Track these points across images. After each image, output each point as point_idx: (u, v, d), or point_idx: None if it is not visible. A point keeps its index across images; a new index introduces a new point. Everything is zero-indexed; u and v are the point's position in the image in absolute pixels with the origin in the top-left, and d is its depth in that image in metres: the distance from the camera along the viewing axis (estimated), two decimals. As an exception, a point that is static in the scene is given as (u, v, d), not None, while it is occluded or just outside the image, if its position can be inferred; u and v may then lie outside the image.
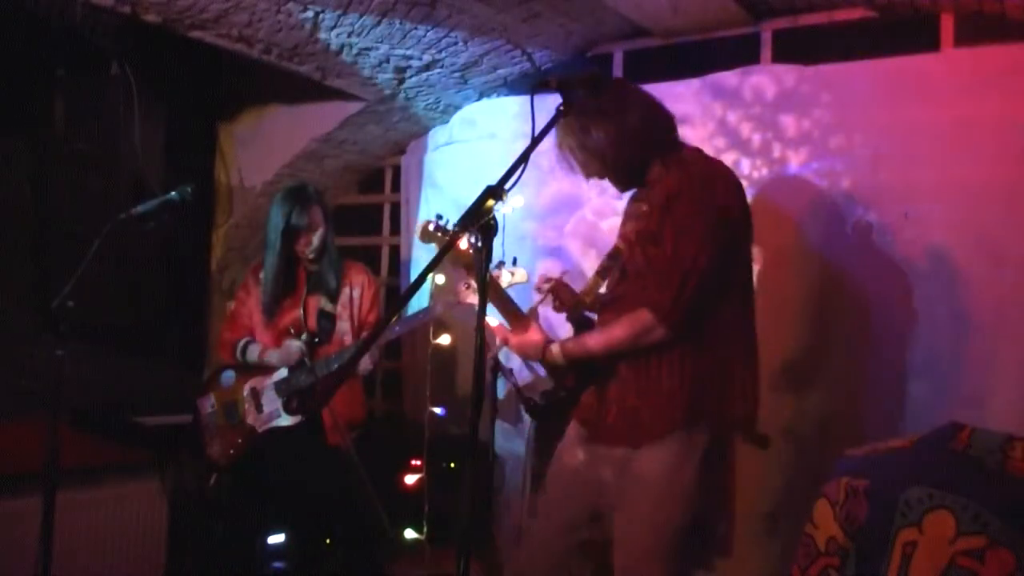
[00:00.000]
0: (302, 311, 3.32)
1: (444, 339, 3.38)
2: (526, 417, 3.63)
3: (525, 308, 2.54)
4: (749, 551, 3.23)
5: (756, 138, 3.38)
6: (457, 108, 4.14)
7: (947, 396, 2.96)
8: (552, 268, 3.68)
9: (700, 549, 3.09)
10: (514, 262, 3.01)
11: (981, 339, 2.93)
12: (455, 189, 4.13)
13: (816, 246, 3.23)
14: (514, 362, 3.64)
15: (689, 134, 3.51)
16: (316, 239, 3.28)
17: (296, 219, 3.22)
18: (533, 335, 2.41)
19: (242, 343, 3.35)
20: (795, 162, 3.30)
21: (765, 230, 3.29)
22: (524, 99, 3.92)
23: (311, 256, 3.31)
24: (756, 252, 3.28)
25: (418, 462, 3.28)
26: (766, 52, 3.45)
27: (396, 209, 4.43)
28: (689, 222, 2.25)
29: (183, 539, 3.86)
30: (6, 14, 3.15)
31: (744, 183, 2.54)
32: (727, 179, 2.36)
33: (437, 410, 3.23)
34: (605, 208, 3.68)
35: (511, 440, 3.82)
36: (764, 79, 3.39)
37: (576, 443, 2.50)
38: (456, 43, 3.52)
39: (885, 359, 3.09)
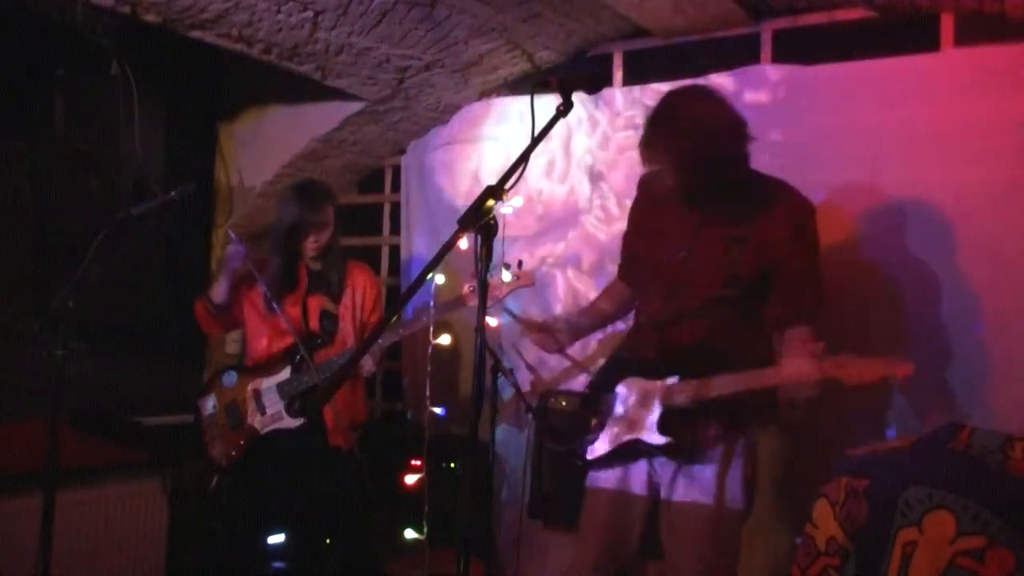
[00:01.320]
0: (302, 310, 3.32)
1: (444, 339, 3.38)
2: (527, 417, 3.63)
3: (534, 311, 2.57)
4: (750, 551, 3.23)
5: (755, 139, 3.38)
6: (457, 108, 4.14)
7: (947, 396, 2.96)
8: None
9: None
10: (519, 265, 3.01)
11: (981, 339, 2.93)
12: (455, 189, 4.13)
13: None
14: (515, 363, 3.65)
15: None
16: (324, 238, 3.27)
17: (309, 216, 3.21)
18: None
19: (206, 296, 3.32)
20: (794, 163, 3.30)
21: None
22: (524, 99, 3.93)
23: (316, 254, 3.30)
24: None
25: (418, 462, 3.28)
26: (766, 52, 3.45)
27: (396, 209, 4.43)
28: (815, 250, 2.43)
29: (183, 539, 3.86)
30: (6, 14, 3.15)
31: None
32: None
33: (437, 410, 3.23)
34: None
35: (511, 440, 3.82)
36: (764, 79, 3.39)
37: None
38: (456, 43, 3.52)
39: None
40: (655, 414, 2.38)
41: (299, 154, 4.09)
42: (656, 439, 2.38)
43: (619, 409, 2.48)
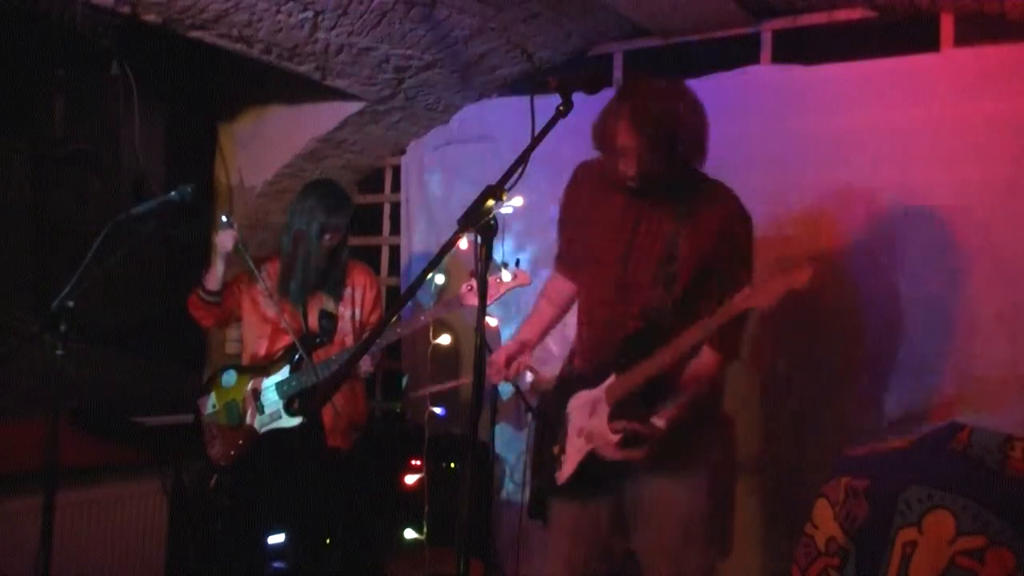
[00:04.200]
0: (301, 309, 3.32)
1: (444, 339, 3.38)
2: (527, 417, 3.63)
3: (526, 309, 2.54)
4: (749, 551, 3.23)
5: (756, 139, 3.38)
6: (457, 108, 4.14)
7: (947, 396, 2.96)
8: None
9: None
10: (517, 263, 3.01)
11: (981, 338, 2.93)
12: (455, 189, 4.13)
13: (816, 246, 3.23)
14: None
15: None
16: (337, 239, 3.28)
17: (334, 219, 3.22)
18: None
19: (199, 286, 3.32)
20: (793, 164, 3.30)
21: (767, 232, 3.31)
22: (524, 99, 3.93)
23: (324, 255, 3.31)
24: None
25: (418, 462, 3.29)
26: (766, 52, 3.45)
27: (396, 209, 4.43)
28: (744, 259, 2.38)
29: (183, 539, 3.86)
30: (6, 14, 3.15)
31: (746, 185, 2.55)
32: None
33: (437, 410, 3.23)
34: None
35: (511, 440, 3.82)
36: (763, 79, 3.39)
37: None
38: (456, 43, 3.52)
39: (884, 358, 3.10)
40: (603, 417, 2.30)
41: (299, 154, 4.09)
42: (613, 451, 2.27)
43: (575, 425, 2.40)
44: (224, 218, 3.25)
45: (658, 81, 2.35)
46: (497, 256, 3.01)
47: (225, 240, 3.20)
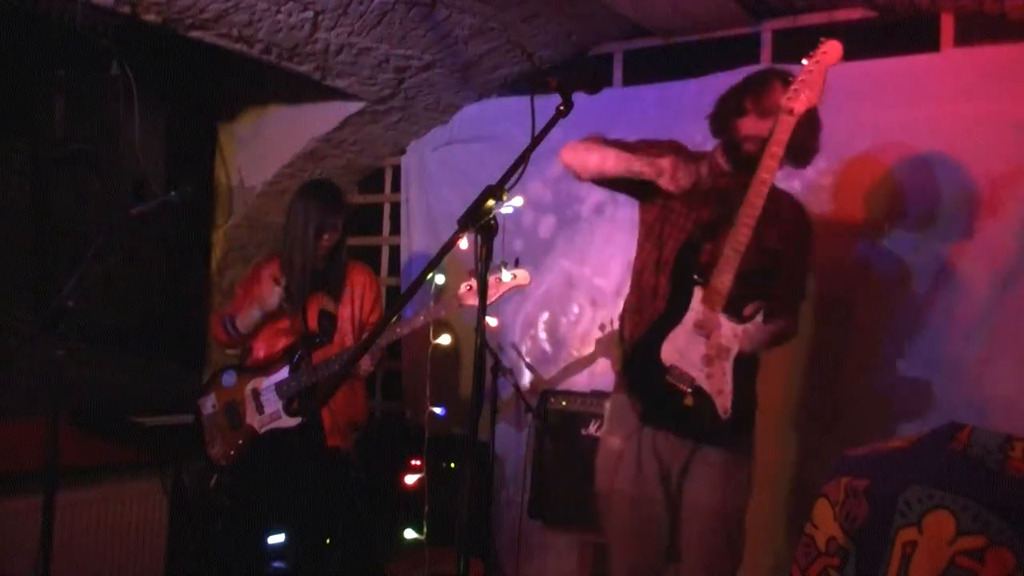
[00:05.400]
0: (302, 310, 3.32)
1: (444, 339, 3.38)
2: (527, 417, 3.63)
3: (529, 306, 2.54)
4: (758, 551, 3.23)
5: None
6: (457, 108, 4.14)
7: (947, 396, 2.96)
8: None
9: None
10: (516, 263, 3.01)
11: (979, 338, 2.93)
12: (455, 189, 4.13)
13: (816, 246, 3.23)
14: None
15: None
16: (335, 238, 3.28)
17: (331, 217, 3.22)
18: None
19: (228, 318, 3.33)
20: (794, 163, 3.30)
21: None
22: (524, 99, 3.93)
23: (323, 254, 3.31)
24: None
25: (418, 462, 3.29)
26: (766, 52, 3.45)
27: (396, 209, 4.44)
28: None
29: (183, 539, 3.86)
30: (6, 14, 3.15)
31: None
32: None
33: (437, 410, 3.23)
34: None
35: (511, 440, 3.82)
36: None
37: (635, 439, 2.48)
38: (456, 43, 3.53)
39: (884, 359, 3.10)
40: (725, 324, 2.32)
41: (299, 154, 4.09)
42: (764, 333, 2.35)
43: (696, 359, 2.35)
44: (285, 284, 3.25)
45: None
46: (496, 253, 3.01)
47: (271, 297, 3.21)
